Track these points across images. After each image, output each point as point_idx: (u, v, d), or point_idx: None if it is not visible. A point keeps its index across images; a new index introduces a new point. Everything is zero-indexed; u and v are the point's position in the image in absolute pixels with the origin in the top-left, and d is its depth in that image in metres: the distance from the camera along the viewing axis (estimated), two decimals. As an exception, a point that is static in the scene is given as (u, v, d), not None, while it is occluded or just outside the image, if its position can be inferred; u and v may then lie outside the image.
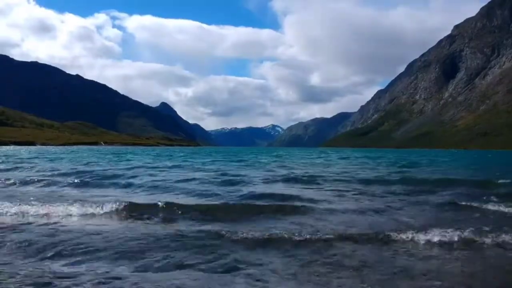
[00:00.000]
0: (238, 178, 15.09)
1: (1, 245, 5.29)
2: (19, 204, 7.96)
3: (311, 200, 9.38)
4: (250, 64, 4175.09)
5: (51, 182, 12.94)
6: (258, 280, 4.15)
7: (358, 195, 10.55)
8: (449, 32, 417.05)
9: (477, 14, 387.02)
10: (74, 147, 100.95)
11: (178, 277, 4.17)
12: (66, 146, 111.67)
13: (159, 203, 8.10)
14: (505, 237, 5.77)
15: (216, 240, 5.67)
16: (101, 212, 7.60)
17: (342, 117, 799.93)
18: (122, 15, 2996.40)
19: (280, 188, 12.33)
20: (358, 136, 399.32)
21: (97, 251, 5.06)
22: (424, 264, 4.80)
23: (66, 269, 4.37)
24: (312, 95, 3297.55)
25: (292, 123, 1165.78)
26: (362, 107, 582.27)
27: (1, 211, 7.54)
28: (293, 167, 23.28)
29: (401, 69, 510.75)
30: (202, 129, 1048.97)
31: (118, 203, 7.92)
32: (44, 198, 9.02)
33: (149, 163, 26.99)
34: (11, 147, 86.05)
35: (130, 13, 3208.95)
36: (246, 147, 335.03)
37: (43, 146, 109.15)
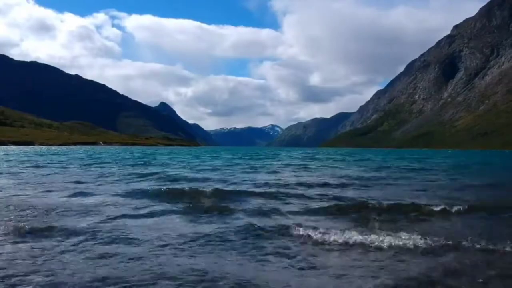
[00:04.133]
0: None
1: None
2: None
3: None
4: (250, 64, 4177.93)
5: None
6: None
7: None
8: (448, 32, 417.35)
9: (476, 14, 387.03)
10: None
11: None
12: (65, 146, 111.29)
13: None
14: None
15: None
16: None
17: (341, 117, 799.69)
18: (122, 14, 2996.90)
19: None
20: (358, 136, 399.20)
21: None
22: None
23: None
24: (312, 95, 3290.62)
25: (292, 123, 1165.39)
26: (361, 107, 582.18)
27: None
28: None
29: (401, 69, 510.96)
30: (201, 129, 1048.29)
31: None
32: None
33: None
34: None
35: (129, 12, 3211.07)
36: (245, 147, 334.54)
37: (43, 146, 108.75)
